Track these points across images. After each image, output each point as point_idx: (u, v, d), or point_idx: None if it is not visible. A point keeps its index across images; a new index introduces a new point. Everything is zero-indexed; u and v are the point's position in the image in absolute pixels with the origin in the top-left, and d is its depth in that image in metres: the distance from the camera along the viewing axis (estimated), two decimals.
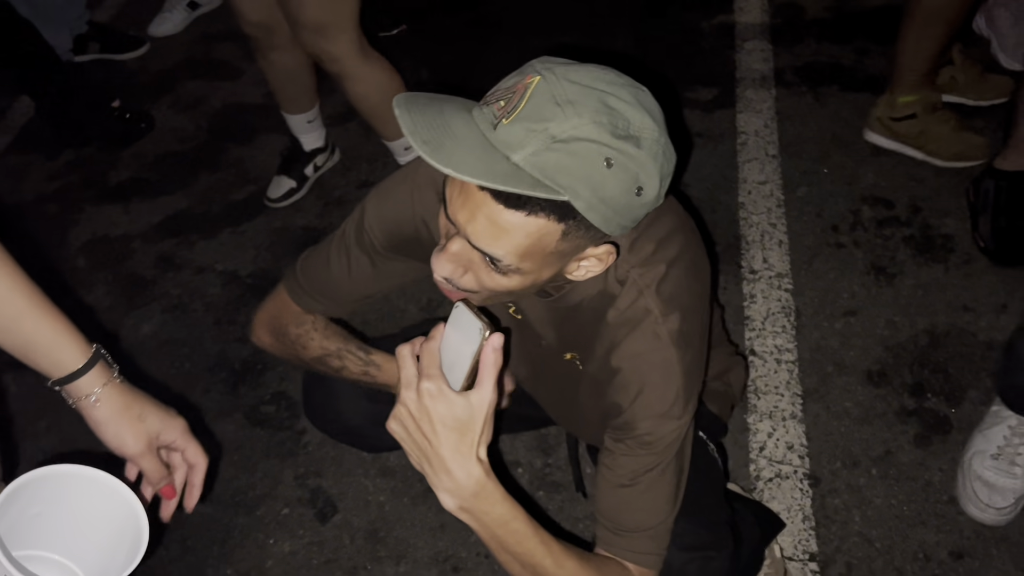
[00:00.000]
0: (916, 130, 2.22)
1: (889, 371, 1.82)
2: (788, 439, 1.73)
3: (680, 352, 1.02)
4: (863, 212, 2.16)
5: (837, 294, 1.99)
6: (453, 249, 0.91)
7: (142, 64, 3.11)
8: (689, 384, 1.04)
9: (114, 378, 0.96)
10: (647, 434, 1.04)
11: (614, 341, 1.05)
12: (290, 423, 1.91)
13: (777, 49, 2.72)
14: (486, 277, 0.93)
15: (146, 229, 2.44)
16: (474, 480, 0.90)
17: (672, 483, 1.08)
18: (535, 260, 0.89)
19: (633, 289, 1.03)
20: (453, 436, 0.89)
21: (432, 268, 0.94)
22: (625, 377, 1.04)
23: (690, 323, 1.04)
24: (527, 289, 0.96)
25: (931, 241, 2.06)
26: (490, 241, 0.87)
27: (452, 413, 0.88)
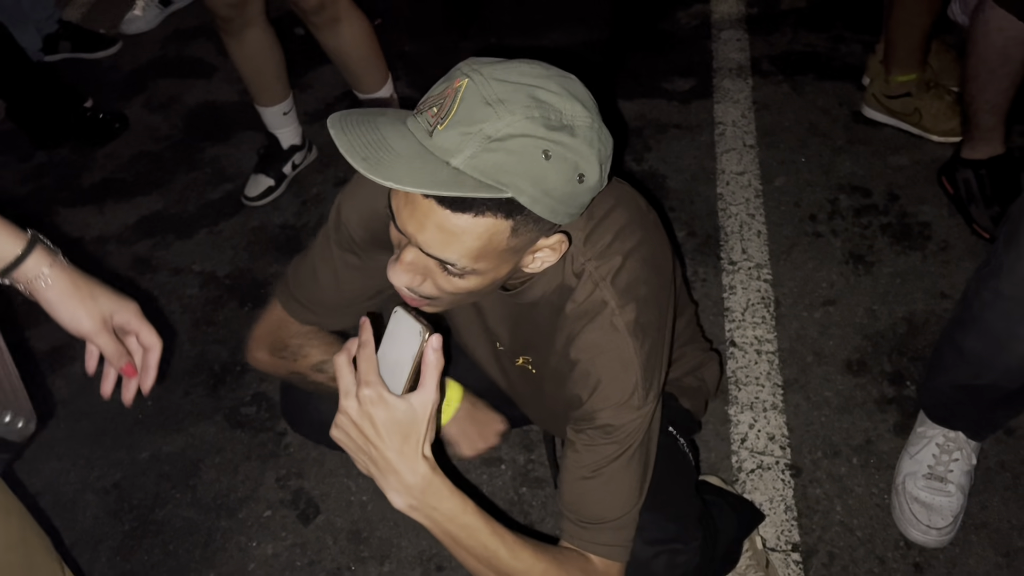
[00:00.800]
0: (911, 107, 2.26)
1: (868, 360, 1.83)
2: (769, 430, 1.73)
3: (637, 342, 1.03)
4: (840, 201, 2.17)
5: (816, 284, 1.99)
6: (408, 259, 0.92)
7: (114, 63, 3.08)
8: (648, 374, 1.05)
9: (58, 260, 0.96)
10: (607, 424, 1.04)
11: (572, 333, 1.06)
12: (271, 424, 1.90)
13: (753, 39, 2.72)
14: (444, 282, 0.94)
15: (121, 230, 2.42)
16: (420, 477, 0.91)
17: (636, 474, 1.08)
18: (489, 259, 0.90)
19: (589, 281, 1.04)
20: (396, 439, 0.89)
21: (390, 280, 0.95)
22: (583, 368, 1.05)
23: (647, 314, 1.05)
24: (487, 288, 0.97)
25: (908, 229, 2.07)
26: (442, 247, 0.88)
27: (394, 417, 0.89)
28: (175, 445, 1.89)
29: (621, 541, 1.08)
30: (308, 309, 1.26)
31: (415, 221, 0.87)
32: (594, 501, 1.07)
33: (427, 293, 0.96)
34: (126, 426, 1.93)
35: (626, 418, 1.04)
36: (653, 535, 1.14)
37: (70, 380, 2.05)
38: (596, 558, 1.08)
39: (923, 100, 2.24)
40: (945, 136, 2.24)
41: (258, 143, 2.48)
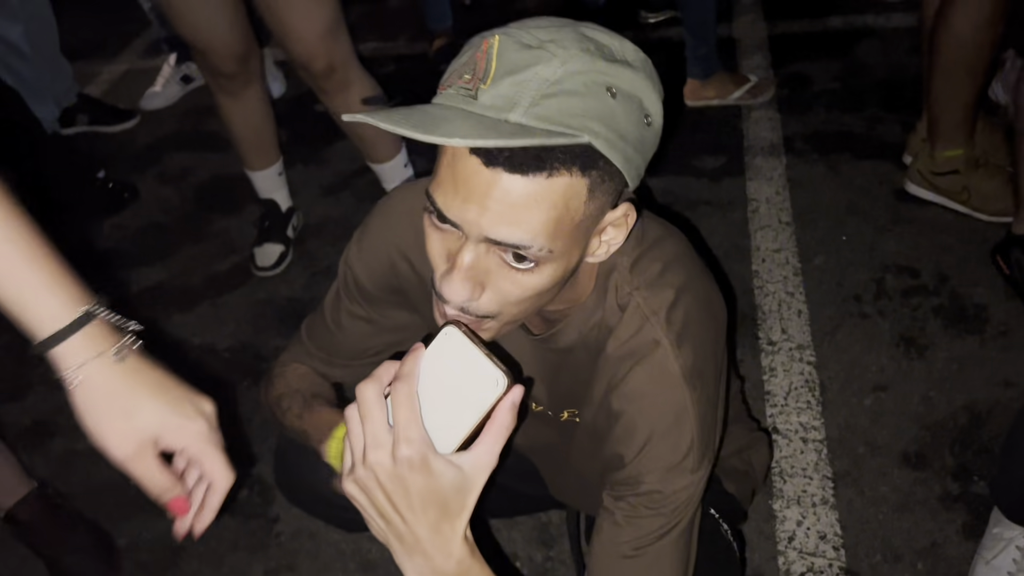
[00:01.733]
0: (959, 186, 2.11)
1: (928, 452, 1.64)
2: (820, 528, 1.54)
3: (694, 393, 0.87)
4: (887, 281, 2.02)
5: (865, 368, 1.82)
6: (466, 262, 0.75)
7: (130, 136, 3.03)
8: (704, 432, 0.89)
9: (111, 351, 0.74)
10: (655, 491, 0.88)
11: (615, 378, 0.89)
12: (263, 509, 1.72)
13: (785, 118, 2.62)
14: (509, 285, 0.77)
15: (122, 301, 2.29)
16: (455, 562, 0.73)
17: (684, 554, 0.91)
18: (564, 237, 0.75)
19: (637, 315, 0.89)
20: (433, 513, 0.71)
21: (441, 298, 0.77)
22: (629, 422, 0.89)
23: (704, 362, 0.89)
24: (555, 286, 0.80)
25: (963, 311, 1.91)
26: (513, 227, 0.72)
27: (437, 487, 0.70)
28: (156, 531, 1.71)
29: None
30: (319, 360, 1.16)
31: (476, 201, 0.71)
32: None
33: (485, 309, 0.78)
34: (105, 509, 1.76)
35: (678, 484, 0.88)
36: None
37: (49, 458, 1.88)
38: None
39: (972, 178, 2.11)
40: (996, 216, 2.09)
41: None
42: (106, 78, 3.41)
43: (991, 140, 2.24)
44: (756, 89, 2.69)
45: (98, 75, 3.41)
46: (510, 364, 0.80)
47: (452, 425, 0.71)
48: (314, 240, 2.40)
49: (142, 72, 3.36)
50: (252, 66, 2.04)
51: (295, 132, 2.88)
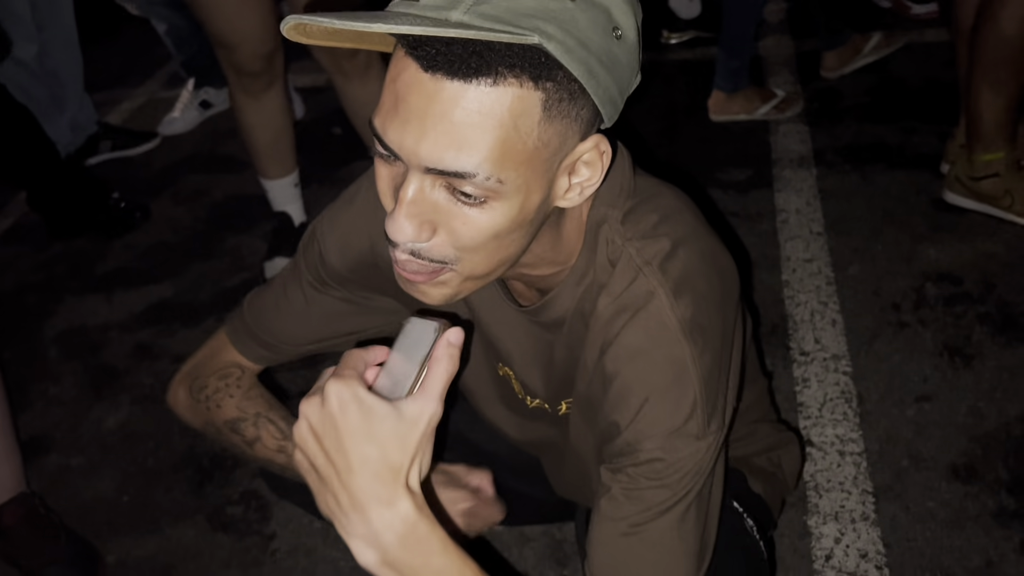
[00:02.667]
0: (1000, 190, 1.99)
1: (979, 465, 1.50)
2: (860, 545, 1.39)
3: (695, 348, 0.77)
4: (927, 290, 1.89)
5: (906, 378, 1.69)
6: (409, 195, 0.67)
7: (147, 160, 3.00)
8: (710, 393, 0.78)
9: None
10: (655, 459, 0.76)
11: (608, 338, 0.79)
12: (259, 527, 1.61)
13: (815, 131, 2.52)
14: (460, 224, 0.68)
15: (126, 318, 2.23)
16: (399, 520, 0.64)
17: (694, 535, 0.79)
18: (516, 166, 0.66)
19: (630, 268, 0.79)
20: (369, 460, 0.63)
21: (389, 240, 0.70)
22: (624, 383, 0.78)
23: (706, 317, 0.78)
24: (516, 228, 0.70)
25: (1012, 320, 1.77)
26: (455, 151, 0.64)
27: (372, 429, 0.63)
28: (147, 549, 1.61)
29: None
30: (255, 339, 1.03)
31: (415, 123, 0.64)
32: (636, 567, 0.77)
33: (438, 253, 0.70)
34: (95, 526, 1.66)
35: (682, 452, 0.76)
36: None
37: (42, 474, 1.80)
38: None
39: (1014, 182, 1.99)
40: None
41: None
42: (126, 107, 3.40)
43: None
44: (784, 104, 2.60)
45: (118, 104, 3.41)
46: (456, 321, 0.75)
47: (403, 379, 0.69)
48: None
49: (162, 101, 3.35)
50: (277, 66, 2.00)
51: (312, 154, 2.83)
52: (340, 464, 0.64)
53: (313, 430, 0.65)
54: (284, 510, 1.62)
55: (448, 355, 0.66)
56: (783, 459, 1.17)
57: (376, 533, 0.64)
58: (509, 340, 0.94)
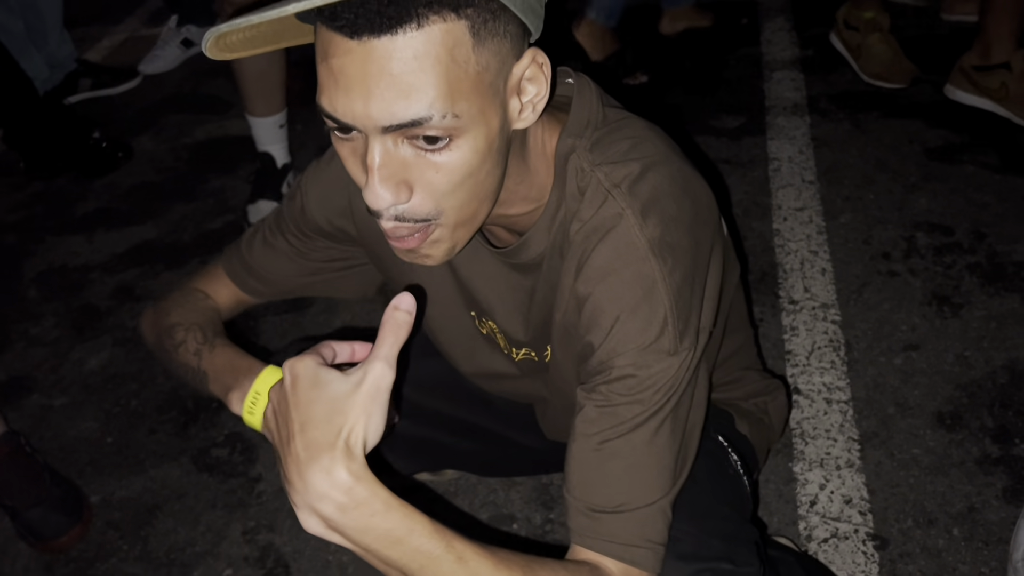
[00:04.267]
0: (998, 82, 2.11)
1: (964, 413, 1.50)
2: (845, 491, 1.40)
3: (663, 265, 0.77)
4: (918, 239, 1.88)
5: (894, 326, 1.68)
6: (377, 160, 0.68)
7: (128, 99, 2.93)
8: (681, 309, 0.78)
9: None
10: (627, 376, 0.77)
11: (580, 261, 0.80)
12: (244, 468, 1.60)
13: (810, 78, 2.49)
14: (433, 173, 0.69)
15: (108, 259, 2.19)
16: (336, 485, 0.63)
17: (668, 450, 0.79)
18: (466, 95, 0.67)
19: (599, 192, 0.79)
20: (310, 422, 0.64)
21: (370, 209, 0.71)
22: (596, 304, 0.79)
23: (676, 236, 0.78)
24: (486, 164, 0.71)
25: (1001, 269, 1.77)
26: (404, 102, 0.65)
27: (314, 392, 0.66)
28: (131, 489, 1.60)
29: (646, 538, 0.78)
30: (251, 271, 1.06)
31: (358, 88, 0.65)
32: (608, 480, 0.78)
33: (422, 211, 0.71)
34: (78, 466, 1.65)
35: (653, 366, 0.76)
36: (689, 548, 0.84)
37: (24, 414, 1.78)
38: (614, 564, 0.78)
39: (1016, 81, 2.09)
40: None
41: None
42: (106, 44, 3.32)
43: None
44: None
45: (98, 41, 3.33)
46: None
47: None
48: None
49: (143, 39, 3.27)
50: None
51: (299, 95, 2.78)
52: (284, 433, 0.66)
53: (273, 405, 0.69)
54: (270, 453, 1.61)
55: (394, 319, 0.67)
56: (770, 406, 1.17)
57: (315, 499, 0.63)
58: (489, 291, 0.94)
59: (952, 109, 2.23)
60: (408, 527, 0.65)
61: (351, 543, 0.66)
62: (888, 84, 2.33)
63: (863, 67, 2.37)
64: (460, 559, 0.67)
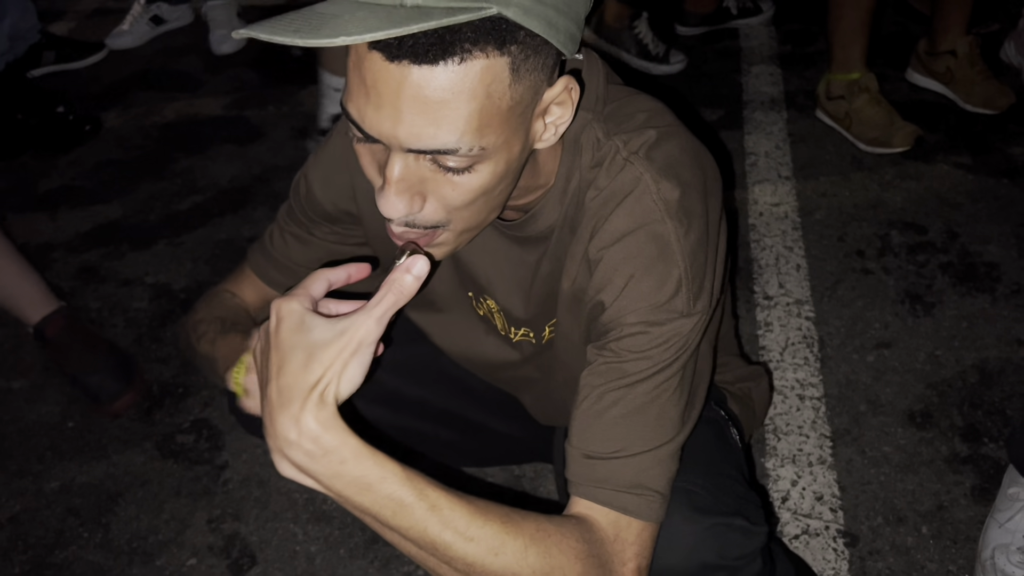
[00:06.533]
0: (943, 67, 2.21)
1: (934, 411, 1.51)
2: (816, 488, 1.41)
3: (679, 227, 0.77)
4: (892, 237, 1.89)
5: (867, 324, 1.69)
6: (396, 174, 0.68)
7: (94, 73, 2.86)
8: (695, 272, 0.78)
9: None
10: (639, 331, 0.76)
11: (596, 227, 0.80)
12: (210, 456, 1.57)
13: (787, 73, 2.49)
14: (449, 190, 0.70)
15: (71, 238, 2.13)
16: (302, 433, 0.63)
17: (671, 402, 0.78)
18: (495, 130, 0.67)
19: (617, 160, 0.79)
20: (287, 367, 0.64)
21: (383, 214, 0.71)
22: (609, 264, 0.78)
23: (691, 201, 0.78)
24: (501, 183, 0.72)
25: (973, 269, 1.78)
26: (434, 130, 0.65)
27: (296, 337, 0.64)
28: (92, 475, 1.56)
29: (639, 484, 0.76)
30: (273, 261, 1.06)
31: (388, 107, 0.64)
32: (607, 427, 0.77)
33: (431, 219, 0.72)
34: (37, 451, 1.61)
35: (665, 324, 0.76)
36: (706, 501, 0.83)
37: None
38: (604, 514, 0.76)
39: (961, 70, 2.19)
40: (979, 107, 2.20)
41: (236, 161, 2.22)
42: (71, 16, 3.24)
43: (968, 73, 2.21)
44: None
45: (63, 14, 3.24)
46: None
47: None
48: (280, 182, 2.25)
49: (111, 12, 3.19)
50: None
51: (270, 75, 2.73)
52: (264, 374, 0.66)
53: (260, 347, 0.68)
54: (238, 440, 1.58)
55: (401, 282, 0.66)
56: (753, 392, 1.17)
57: (284, 445, 0.64)
58: (490, 267, 0.93)
59: (927, 109, 2.24)
60: (379, 475, 0.65)
61: (323, 488, 0.66)
62: (889, 150, 2.09)
63: (858, 135, 2.13)
64: (433, 507, 0.66)
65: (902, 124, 2.08)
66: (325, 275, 0.72)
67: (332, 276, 0.73)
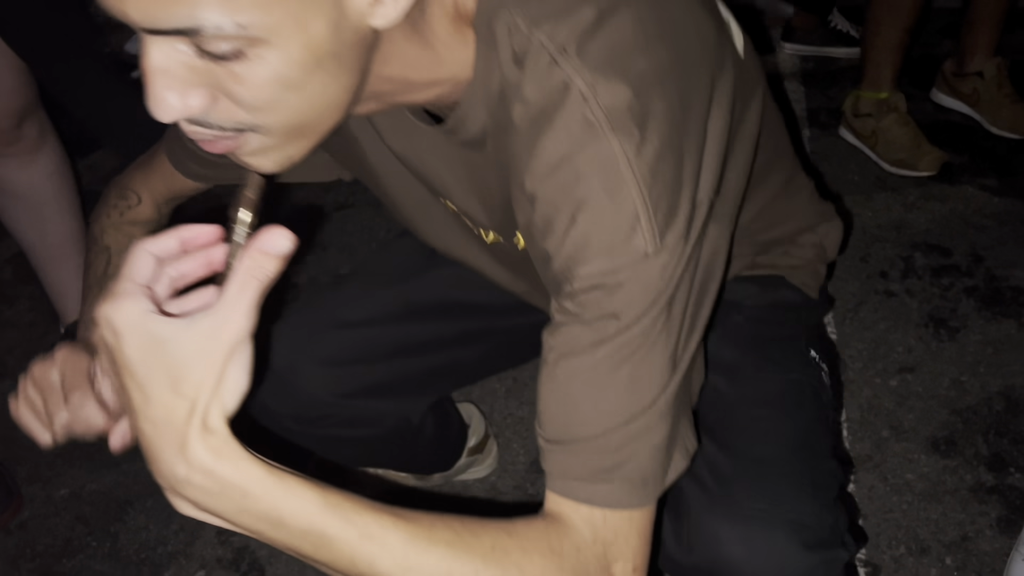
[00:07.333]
0: (970, 88, 2.18)
1: (959, 439, 1.48)
2: None
3: (628, 142, 0.61)
4: (916, 259, 1.86)
5: (890, 347, 1.66)
6: (153, 64, 0.55)
7: None
8: (659, 193, 0.62)
9: None
10: (593, 286, 0.63)
11: (528, 154, 0.64)
12: None
13: (809, 91, 2.47)
14: (234, 85, 0.56)
15: None
16: (194, 470, 0.52)
17: (657, 354, 0.64)
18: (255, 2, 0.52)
19: (541, 60, 0.62)
20: (154, 397, 0.52)
21: (154, 116, 0.57)
22: (546, 202, 0.64)
23: (649, 98, 0.61)
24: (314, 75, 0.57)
25: (999, 293, 1.75)
26: (163, 3, 0.51)
27: (151, 355, 0.51)
28: (102, 483, 1.55)
29: (616, 466, 0.64)
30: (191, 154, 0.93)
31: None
32: (567, 405, 0.65)
33: (228, 120, 0.58)
34: (47, 457, 1.60)
35: (623, 271, 0.62)
36: (812, 533, 0.76)
37: None
38: (574, 510, 0.65)
39: (988, 90, 2.16)
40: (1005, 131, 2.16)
41: None
42: None
43: (995, 95, 2.17)
44: None
45: None
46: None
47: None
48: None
49: None
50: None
51: None
52: (124, 400, 0.54)
53: (103, 339, 0.54)
54: None
55: (259, 266, 0.53)
56: (825, 238, 0.99)
57: (176, 484, 0.53)
58: (440, 168, 0.79)
59: (952, 130, 2.21)
60: (293, 507, 0.54)
61: (231, 526, 0.56)
62: (915, 172, 2.06)
63: (882, 154, 2.10)
64: (362, 536, 0.56)
65: (929, 148, 2.05)
66: (146, 249, 0.57)
67: (156, 249, 0.58)
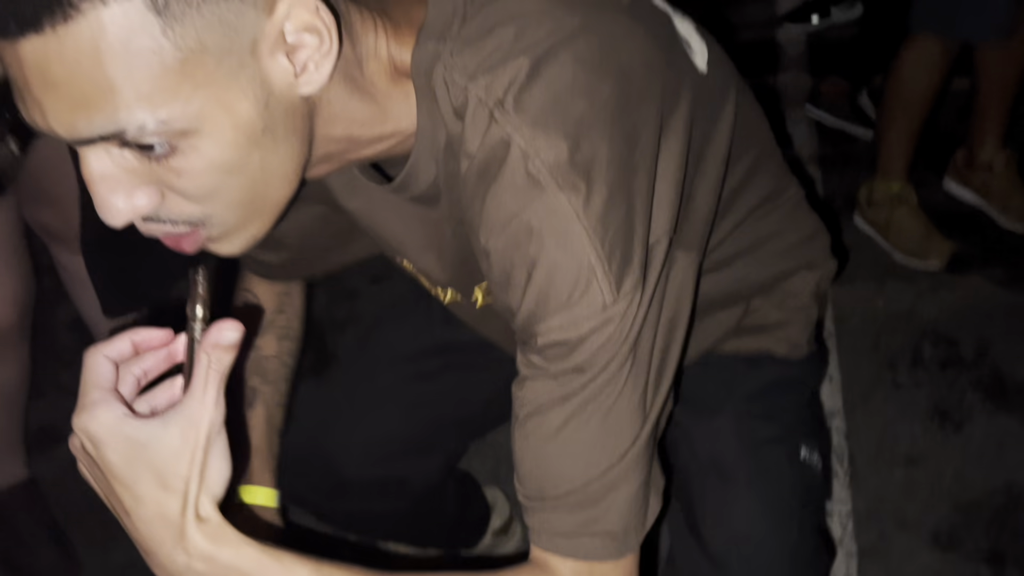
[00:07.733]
0: (979, 180, 2.24)
1: (960, 533, 1.57)
2: None
3: (575, 196, 0.61)
4: (924, 349, 1.95)
5: (897, 438, 1.75)
6: (93, 172, 0.56)
7: None
8: (613, 242, 0.62)
9: None
10: (555, 342, 0.63)
11: (480, 210, 0.64)
12: None
13: (826, 175, 2.57)
14: (176, 179, 0.57)
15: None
16: (194, 559, 0.58)
17: (626, 400, 0.65)
18: (174, 92, 0.53)
19: (480, 114, 0.62)
20: (144, 498, 0.57)
21: (107, 223, 0.60)
22: (503, 259, 0.64)
23: (593, 145, 0.61)
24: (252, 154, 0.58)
25: (1003, 387, 1.84)
26: (82, 112, 0.53)
27: (133, 461, 0.57)
28: None
29: (592, 521, 0.66)
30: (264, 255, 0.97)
31: (29, 99, 0.54)
32: (538, 462, 0.67)
33: (179, 214, 0.60)
34: (106, 522, 1.69)
35: (584, 324, 0.62)
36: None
37: (54, 464, 1.85)
38: (560, 563, 0.67)
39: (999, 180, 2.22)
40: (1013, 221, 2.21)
41: None
42: None
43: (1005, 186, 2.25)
44: None
45: None
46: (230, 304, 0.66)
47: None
48: None
49: None
50: None
51: None
52: (119, 509, 0.60)
53: (84, 447, 0.59)
54: None
55: (217, 358, 0.58)
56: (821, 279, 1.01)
57: (178, 574, 0.59)
58: (394, 225, 0.79)
59: (964, 220, 2.30)
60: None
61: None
62: (924, 264, 2.13)
63: (895, 244, 2.18)
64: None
65: (939, 239, 2.14)
66: (101, 354, 0.61)
67: (111, 353, 0.62)
